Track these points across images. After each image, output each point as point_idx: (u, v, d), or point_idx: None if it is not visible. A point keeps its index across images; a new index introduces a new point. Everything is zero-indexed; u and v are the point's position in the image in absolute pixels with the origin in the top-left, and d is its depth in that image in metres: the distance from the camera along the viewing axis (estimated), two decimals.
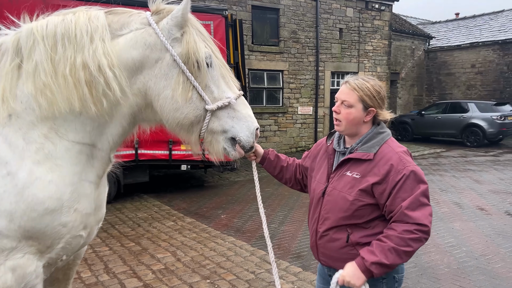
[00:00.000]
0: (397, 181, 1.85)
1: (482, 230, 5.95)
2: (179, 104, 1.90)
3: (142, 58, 1.90)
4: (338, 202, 1.98)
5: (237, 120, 1.97)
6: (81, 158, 1.92)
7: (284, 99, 14.79)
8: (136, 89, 1.92)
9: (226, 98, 1.95)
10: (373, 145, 1.98)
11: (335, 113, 2.05)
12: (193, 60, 1.88)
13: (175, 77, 1.89)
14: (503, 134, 16.28)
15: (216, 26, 8.35)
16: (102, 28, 1.87)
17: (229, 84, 2.01)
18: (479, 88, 21.16)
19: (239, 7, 13.29)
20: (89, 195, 1.96)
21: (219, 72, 1.99)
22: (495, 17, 23.10)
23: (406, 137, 18.45)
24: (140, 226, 6.41)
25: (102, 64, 1.81)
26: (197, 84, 1.91)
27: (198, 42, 1.92)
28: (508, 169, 11.01)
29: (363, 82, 2.00)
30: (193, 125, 1.95)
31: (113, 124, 1.96)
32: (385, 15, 17.04)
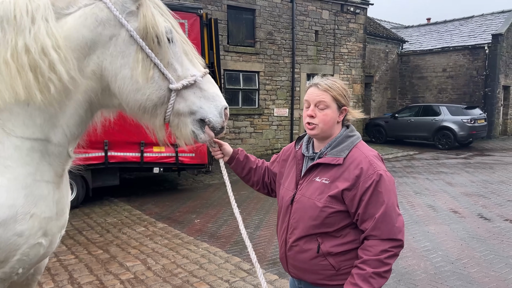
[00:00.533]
0: (367, 187, 1.77)
1: (457, 234, 5.97)
2: (140, 84, 1.72)
3: (94, 36, 1.71)
4: (307, 210, 1.87)
5: (205, 100, 1.83)
6: (34, 156, 1.70)
7: (260, 101, 14.66)
8: (90, 71, 1.73)
9: (191, 76, 1.79)
10: (342, 149, 1.89)
11: (310, 117, 1.90)
12: (152, 35, 1.71)
13: (133, 54, 1.72)
14: (473, 137, 16.72)
15: (191, 25, 8.14)
16: (44, 7, 1.67)
17: (193, 62, 1.86)
18: (450, 91, 21.67)
19: (214, 7, 13.08)
20: (47, 197, 1.74)
21: (181, 49, 1.83)
22: (465, 22, 23.72)
23: (380, 139, 18.67)
24: (109, 232, 6.12)
25: (45, 45, 1.62)
26: (159, 61, 1.73)
27: (156, 15, 1.75)
28: (478, 172, 11.23)
29: (333, 82, 1.93)
30: (156, 107, 1.78)
31: (67, 114, 1.75)
32: (360, 18, 17.18)
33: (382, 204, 1.75)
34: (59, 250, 5.31)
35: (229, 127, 13.86)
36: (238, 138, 14.19)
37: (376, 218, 1.74)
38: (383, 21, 27.09)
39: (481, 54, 20.47)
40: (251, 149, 14.49)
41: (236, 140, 14.13)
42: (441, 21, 25.56)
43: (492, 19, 22.35)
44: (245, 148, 14.30)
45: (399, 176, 10.68)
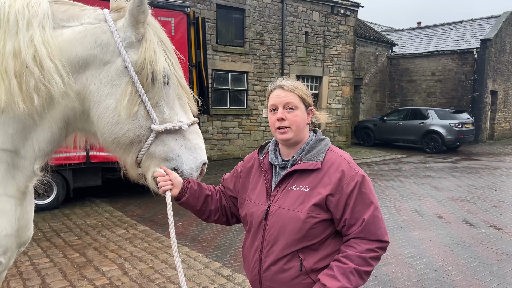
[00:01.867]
0: (351, 189, 1.69)
1: (441, 240, 5.91)
2: (121, 117, 1.61)
3: (88, 56, 1.61)
4: (287, 223, 1.71)
5: (185, 149, 1.72)
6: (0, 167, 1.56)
7: (249, 101, 14.55)
8: (75, 90, 1.61)
9: (178, 122, 1.69)
10: (318, 152, 1.78)
11: (281, 120, 1.77)
12: (148, 72, 1.62)
13: (122, 86, 1.61)
14: (460, 141, 16.80)
15: (177, 24, 7.99)
16: (43, 15, 1.56)
17: (184, 108, 1.75)
18: (439, 95, 21.79)
19: (203, 5, 12.94)
20: (9, 213, 1.61)
21: (176, 92, 1.73)
22: (454, 27, 23.90)
23: (368, 142, 18.68)
24: (87, 235, 5.94)
25: (40, 53, 1.50)
26: (147, 99, 1.64)
27: (158, 52, 1.65)
28: (465, 176, 11.25)
29: (294, 82, 1.85)
30: (132, 144, 1.68)
31: (41, 128, 1.61)
32: (350, 20, 17.16)
33: (370, 205, 1.70)
34: (34, 253, 5.13)
35: (217, 128, 13.73)
36: (226, 138, 14.06)
37: (366, 220, 1.68)
38: (374, 23, 27.18)
39: (469, 59, 20.62)
40: (239, 150, 14.37)
41: (223, 140, 13.99)
42: (431, 25, 25.72)
43: (481, 24, 22.54)
44: (233, 149, 14.19)
45: (386, 180, 10.64)
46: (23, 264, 4.78)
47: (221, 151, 13.93)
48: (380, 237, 1.70)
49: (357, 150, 16.98)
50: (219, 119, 13.77)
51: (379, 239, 1.70)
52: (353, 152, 15.80)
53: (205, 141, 6.24)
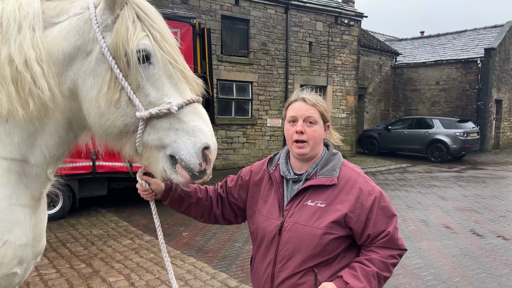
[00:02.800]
0: (371, 205, 1.70)
1: (449, 250, 5.87)
2: (102, 108, 1.51)
3: (73, 50, 1.55)
4: (304, 239, 1.69)
5: (182, 133, 1.52)
6: (10, 177, 1.56)
7: (253, 111, 14.59)
8: (67, 89, 1.58)
9: (166, 103, 1.50)
10: (333, 168, 1.78)
11: (300, 134, 1.75)
12: (121, 53, 1.49)
13: (102, 74, 1.52)
14: (465, 150, 16.74)
15: (183, 34, 8.06)
16: (33, 15, 1.54)
17: (178, 86, 1.56)
18: (443, 104, 21.76)
19: (208, 16, 13.05)
20: (23, 222, 1.60)
21: (164, 70, 1.54)
22: (458, 36, 23.93)
23: (373, 151, 18.64)
24: (94, 245, 5.94)
25: (29, 57, 1.49)
26: (127, 84, 1.50)
27: (131, 29, 1.50)
28: (471, 186, 11.19)
29: (317, 96, 1.84)
30: (123, 134, 1.56)
31: (47, 133, 1.61)
32: (354, 30, 17.25)
33: (392, 217, 1.74)
34: (40, 263, 5.13)
35: (222, 137, 13.76)
36: (230, 148, 14.07)
37: (391, 233, 1.71)
38: (377, 33, 27.28)
39: (473, 68, 20.62)
40: (243, 159, 14.37)
41: (228, 150, 14.01)
42: (435, 35, 25.77)
43: (484, 34, 22.57)
44: (237, 158, 14.19)
45: (392, 189, 10.60)
46: (30, 275, 4.77)
47: (226, 160, 13.95)
48: (401, 246, 1.75)
49: (362, 159, 16.94)
50: (223, 128, 13.80)
51: (400, 247, 1.75)
52: (358, 161, 15.76)
53: None
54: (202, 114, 1.58)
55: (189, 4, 12.61)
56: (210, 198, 2.00)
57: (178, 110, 1.51)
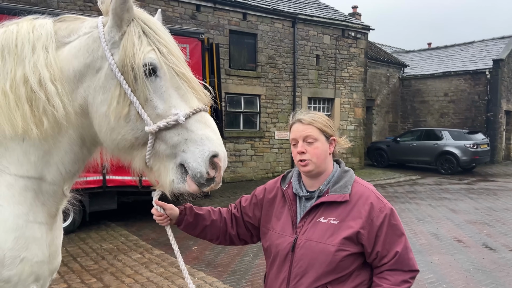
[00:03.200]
0: (381, 222, 1.70)
1: (461, 265, 5.79)
2: (111, 123, 1.54)
3: (83, 68, 1.60)
4: (317, 256, 1.71)
5: (190, 143, 1.52)
6: (27, 195, 1.59)
7: (261, 124, 14.65)
8: (78, 105, 1.62)
9: (173, 114, 1.52)
10: (345, 184, 1.80)
11: (301, 154, 1.80)
12: (129, 68, 1.52)
13: (112, 90, 1.55)
14: (476, 162, 16.58)
15: (192, 50, 8.17)
16: (46, 36, 1.60)
17: (185, 97, 1.57)
18: (452, 116, 21.65)
19: (216, 31, 13.22)
20: (40, 239, 1.63)
21: (171, 83, 1.56)
22: (465, 48, 23.91)
23: (382, 163, 18.54)
24: (104, 259, 5.96)
25: (43, 77, 1.54)
26: (135, 98, 1.53)
27: (137, 44, 1.54)
28: (482, 198, 11.05)
29: (313, 114, 1.87)
30: (133, 148, 1.59)
31: (62, 151, 1.64)
32: (361, 43, 17.32)
33: (401, 236, 1.74)
34: None
35: (230, 150, 13.80)
36: (239, 161, 14.10)
37: (399, 252, 1.70)
38: (384, 45, 27.36)
39: (482, 79, 20.54)
40: (251, 172, 14.38)
41: (237, 163, 14.03)
42: (442, 46, 25.78)
43: (492, 45, 22.52)
44: (245, 171, 14.21)
45: (402, 202, 10.51)
46: None
47: (234, 173, 13.96)
48: (412, 267, 1.73)
49: (371, 171, 16.85)
50: (232, 141, 13.86)
51: (412, 269, 1.73)
52: (367, 174, 15.68)
53: None
54: (209, 122, 1.58)
55: (198, 20, 12.80)
56: (224, 219, 2.03)
57: (186, 120, 1.52)
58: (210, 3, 12.97)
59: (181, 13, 12.47)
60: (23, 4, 9.66)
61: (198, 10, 12.79)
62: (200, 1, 12.74)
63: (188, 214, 1.95)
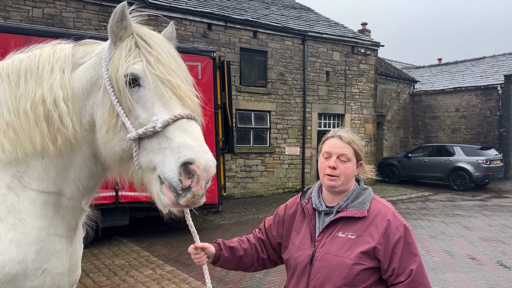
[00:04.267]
0: (397, 239, 1.74)
1: (476, 283, 5.70)
2: (104, 136, 1.59)
3: (89, 86, 1.68)
4: (334, 268, 1.76)
5: (169, 151, 1.46)
6: (48, 209, 1.68)
7: (271, 139, 14.71)
8: (86, 122, 1.69)
9: (152, 121, 1.49)
10: (364, 201, 1.85)
11: (332, 169, 1.85)
12: (115, 80, 1.56)
13: (106, 104, 1.60)
14: (489, 178, 16.35)
15: (204, 67, 8.32)
16: (64, 58, 1.72)
17: (167, 104, 1.53)
18: (464, 131, 21.48)
19: (227, 49, 13.43)
20: (60, 252, 1.71)
21: (155, 91, 1.54)
22: (476, 63, 23.85)
23: (393, 179, 18.39)
24: (116, 275, 6.00)
25: (58, 97, 1.64)
26: (120, 108, 1.55)
27: (123, 57, 1.56)
28: (496, 215, 10.89)
29: (353, 135, 1.93)
30: (124, 161, 1.58)
31: (77, 167, 1.73)
32: (370, 59, 17.41)
33: (416, 255, 1.76)
34: None
35: (240, 166, 13.85)
36: (249, 176, 14.13)
37: (414, 271, 1.72)
38: (394, 61, 27.42)
39: (494, 95, 20.41)
40: (262, 188, 14.39)
41: (247, 178, 14.06)
42: (452, 62, 25.76)
43: (503, 60, 22.44)
44: (256, 186, 14.22)
45: (414, 219, 10.41)
46: None
47: (245, 189, 13.98)
48: (428, 286, 1.75)
49: (382, 187, 16.73)
50: (242, 157, 13.92)
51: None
52: (378, 190, 15.57)
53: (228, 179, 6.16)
54: (189, 129, 1.51)
55: (209, 38, 13.03)
56: (254, 245, 2.11)
57: (165, 128, 1.48)
58: (221, 21, 13.22)
59: (193, 31, 12.72)
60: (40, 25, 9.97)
61: (209, 28, 13.04)
62: (211, 20, 12.99)
63: (223, 249, 2.02)
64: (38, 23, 10.02)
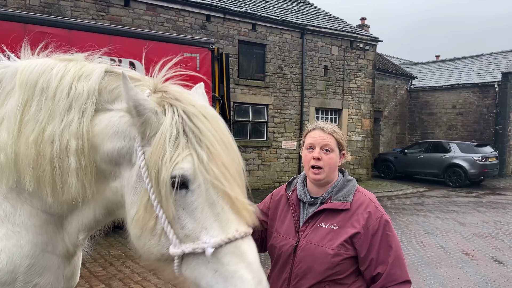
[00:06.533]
0: (376, 230, 1.79)
1: (470, 278, 5.75)
2: (136, 231, 1.36)
3: (116, 155, 1.41)
4: (316, 258, 1.80)
5: (219, 277, 1.27)
6: (48, 228, 1.58)
7: (269, 133, 14.70)
8: (114, 187, 1.48)
9: (202, 242, 1.27)
10: (347, 193, 1.89)
11: (316, 160, 1.86)
12: (155, 178, 1.31)
13: (141, 194, 1.35)
14: (484, 175, 16.46)
15: (202, 59, 8.27)
16: (87, 96, 1.42)
17: (220, 217, 1.31)
18: (460, 128, 21.56)
19: (226, 42, 13.36)
20: (57, 269, 1.63)
21: (206, 198, 1.30)
22: (474, 60, 23.89)
23: (389, 175, 18.46)
24: (112, 265, 6.00)
25: (70, 147, 1.39)
26: (162, 212, 1.30)
27: (169, 147, 1.29)
28: (491, 212, 10.97)
29: (333, 126, 1.96)
30: (160, 262, 1.38)
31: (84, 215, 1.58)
32: (369, 54, 17.39)
33: (395, 247, 1.80)
34: None
35: None
36: (245, 170, 14.09)
37: (391, 262, 1.76)
38: (392, 57, 27.43)
39: (491, 92, 20.47)
40: (258, 181, 14.40)
41: None
42: (450, 59, 25.79)
43: (501, 58, 22.49)
44: (252, 180, 14.23)
45: (409, 214, 10.46)
46: None
47: None
48: (405, 277, 1.79)
49: (378, 183, 16.79)
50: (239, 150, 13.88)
51: (405, 279, 1.79)
52: (374, 185, 15.63)
53: None
54: (245, 255, 1.30)
55: (208, 30, 12.95)
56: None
57: (216, 250, 1.27)
58: (220, 13, 13.14)
59: (192, 23, 12.64)
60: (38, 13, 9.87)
61: (208, 20, 12.96)
62: (210, 12, 12.91)
63: None
64: (35, 11, 9.92)
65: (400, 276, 1.77)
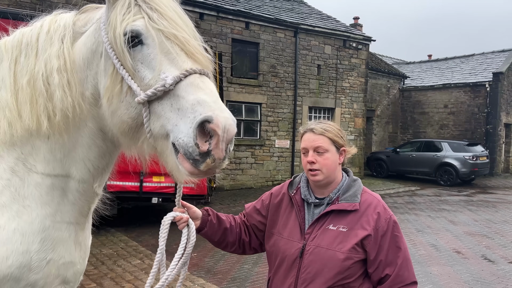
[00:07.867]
0: (385, 231, 1.75)
1: (460, 276, 5.80)
2: (110, 105, 1.42)
3: (90, 54, 1.52)
4: (326, 262, 1.73)
5: (182, 112, 1.28)
6: (54, 194, 1.55)
7: (262, 132, 14.70)
8: (90, 95, 1.53)
9: (161, 79, 1.32)
10: (355, 193, 1.84)
11: (311, 163, 1.82)
12: (114, 41, 1.39)
13: (109, 70, 1.43)
14: (475, 174, 16.61)
15: None
16: (63, 27, 1.58)
17: (175, 61, 1.36)
18: (452, 127, 21.74)
19: (219, 40, 13.33)
20: (67, 240, 1.59)
21: (160, 48, 1.36)
22: (466, 60, 24.08)
23: (381, 173, 18.56)
24: (104, 264, 5.97)
25: (52, 67, 1.51)
26: (125, 71, 1.38)
27: (121, 14, 1.40)
28: (481, 210, 11.07)
29: (326, 124, 1.89)
30: (134, 131, 1.42)
31: (85, 146, 1.57)
32: (362, 53, 17.46)
33: (402, 248, 1.78)
34: None
35: (230, 157, 13.79)
36: (238, 168, 14.13)
37: (400, 264, 1.74)
38: (385, 56, 27.54)
39: (482, 92, 20.66)
40: (251, 180, 14.40)
41: (236, 170, 14.06)
42: (442, 58, 25.96)
43: (492, 58, 22.69)
44: (245, 178, 14.23)
45: (401, 213, 10.53)
46: None
47: (234, 181, 13.98)
48: (413, 279, 1.77)
49: (370, 181, 16.88)
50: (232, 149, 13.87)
51: (413, 280, 1.77)
52: (366, 184, 15.65)
53: None
54: (202, 84, 1.33)
55: (201, 28, 12.90)
56: (239, 224, 2.04)
57: (177, 86, 1.31)
58: (214, 11, 13.11)
59: None
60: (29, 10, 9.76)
61: (201, 18, 12.92)
62: (203, 10, 12.87)
63: (211, 215, 1.94)
64: (26, 8, 9.82)
65: (407, 278, 1.74)
